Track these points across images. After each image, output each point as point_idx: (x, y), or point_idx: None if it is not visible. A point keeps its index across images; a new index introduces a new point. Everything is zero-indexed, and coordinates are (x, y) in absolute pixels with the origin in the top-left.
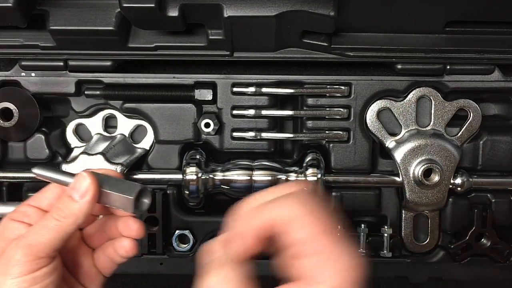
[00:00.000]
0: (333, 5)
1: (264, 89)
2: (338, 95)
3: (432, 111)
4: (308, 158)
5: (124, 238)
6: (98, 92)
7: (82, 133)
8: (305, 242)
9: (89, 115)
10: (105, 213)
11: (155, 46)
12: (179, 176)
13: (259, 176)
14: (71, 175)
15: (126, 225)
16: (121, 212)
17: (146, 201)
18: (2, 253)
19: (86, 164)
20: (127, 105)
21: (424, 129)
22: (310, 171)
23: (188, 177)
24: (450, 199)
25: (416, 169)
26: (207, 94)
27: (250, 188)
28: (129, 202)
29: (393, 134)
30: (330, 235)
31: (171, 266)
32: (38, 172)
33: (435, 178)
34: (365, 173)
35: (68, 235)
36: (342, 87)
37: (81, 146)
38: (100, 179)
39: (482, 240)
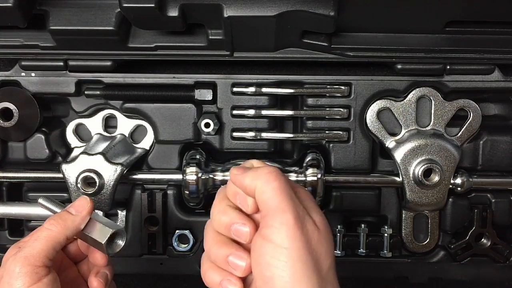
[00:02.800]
0: (333, 5)
1: (264, 89)
2: (338, 95)
3: (432, 111)
4: (308, 158)
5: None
6: (98, 92)
7: (82, 133)
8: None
9: (89, 115)
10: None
11: (155, 46)
12: (179, 176)
13: None
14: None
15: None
16: (93, 255)
17: (120, 242)
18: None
19: (86, 164)
20: (127, 105)
21: (424, 129)
22: (310, 171)
23: (188, 177)
24: (450, 199)
25: (416, 169)
26: (207, 94)
27: None
28: (107, 233)
29: (393, 134)
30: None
31: (171, 266)
32: (43, 202)
33: (435, 178)
34: (365, 173)
35: (59, 243)
36: (342, 87)
37: (81, 146)
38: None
39: (482, 240)
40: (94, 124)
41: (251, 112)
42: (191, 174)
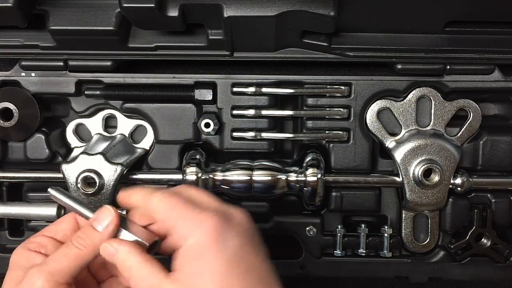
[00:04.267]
0: (333, 5)
1: (264, 89)
2: (338, 95)
3: (432, 111)
4: (308, 158)
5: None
6: (98, 92)
7: (82, 133)
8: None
9: (89, 115)
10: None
11: (155, 46)
12: (179, 176)
13: (259, 176)
14: (85, 205)
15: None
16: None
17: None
18: (20, 281)
19: (86, 164)
20: (127, 105)
21: (424, 129)
22: (310, 171)
23: (188, 177)
24: (450, 199)
25: (416, 169)
26: (207, 94)
27: (250, 188)
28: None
29: (393, 134)
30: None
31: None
32: (53, 193)
33: (435, 178)
34: (365, 173)
35: (86, 263)
36: (342, 87)
37: (81, 146)
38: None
39: (482, 240)
40: (94, 124)
41: (251, 112)
42: (191, 174)
